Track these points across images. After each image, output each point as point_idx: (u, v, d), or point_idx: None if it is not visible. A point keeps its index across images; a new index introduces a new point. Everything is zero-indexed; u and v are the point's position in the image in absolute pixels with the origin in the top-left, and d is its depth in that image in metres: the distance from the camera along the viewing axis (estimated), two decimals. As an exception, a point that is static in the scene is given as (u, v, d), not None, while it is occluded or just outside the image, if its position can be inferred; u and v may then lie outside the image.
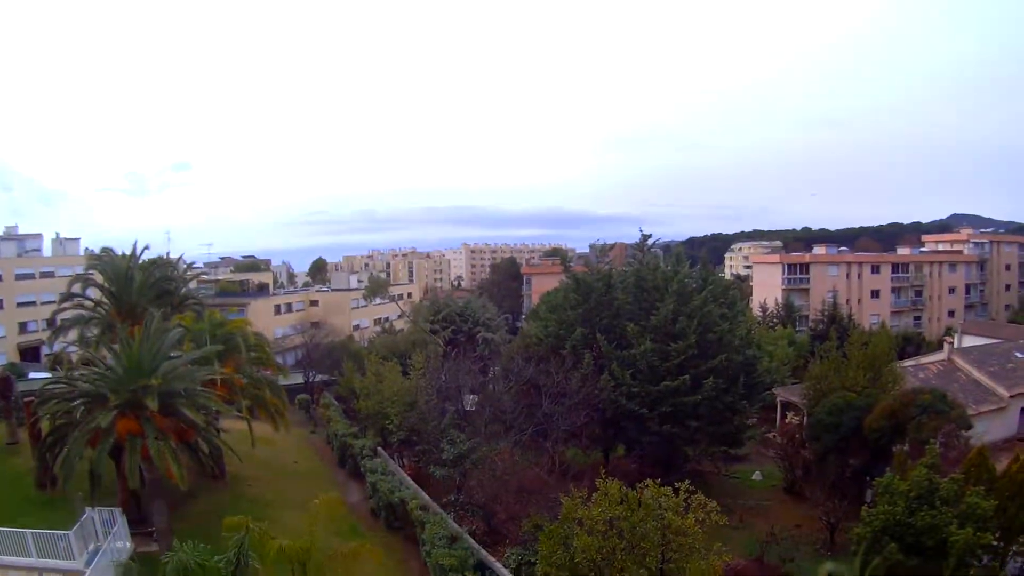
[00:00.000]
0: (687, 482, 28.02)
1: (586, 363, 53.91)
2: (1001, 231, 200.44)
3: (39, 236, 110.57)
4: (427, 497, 46.11)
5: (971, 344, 77.55)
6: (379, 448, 57.66)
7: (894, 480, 34.91)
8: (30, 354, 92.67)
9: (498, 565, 36.55)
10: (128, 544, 37.77)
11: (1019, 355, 67.67)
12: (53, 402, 38.88)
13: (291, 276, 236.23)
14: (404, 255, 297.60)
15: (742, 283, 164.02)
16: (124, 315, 58.36)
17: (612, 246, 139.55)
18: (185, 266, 77.90)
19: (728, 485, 59.35)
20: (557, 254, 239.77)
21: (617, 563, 26.57)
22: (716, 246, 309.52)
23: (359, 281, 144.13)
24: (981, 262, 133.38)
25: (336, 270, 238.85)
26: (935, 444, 40.74)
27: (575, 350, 55.88)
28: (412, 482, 49.77)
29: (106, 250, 65.62)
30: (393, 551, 44.59)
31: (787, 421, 66.83)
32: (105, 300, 61.46)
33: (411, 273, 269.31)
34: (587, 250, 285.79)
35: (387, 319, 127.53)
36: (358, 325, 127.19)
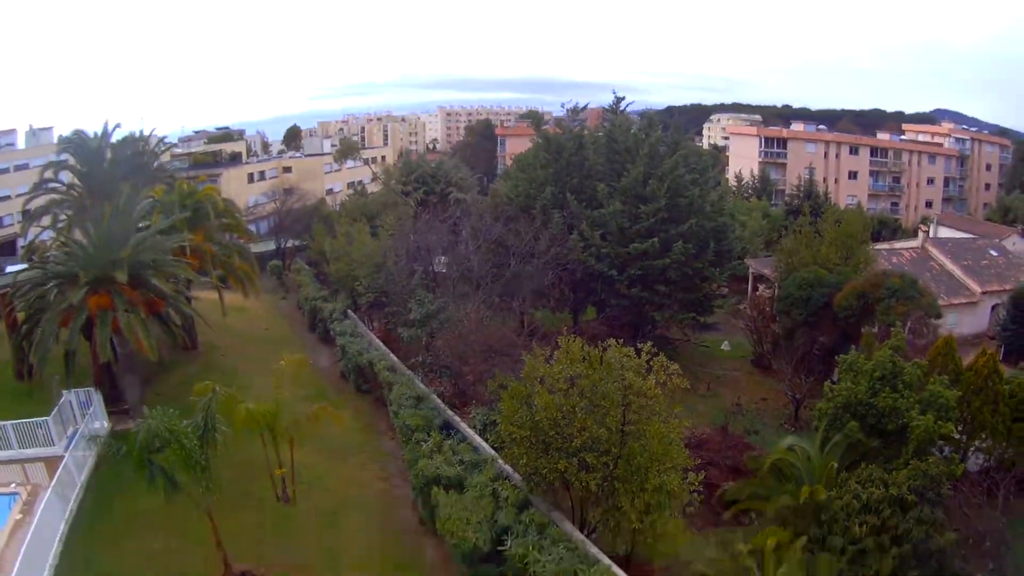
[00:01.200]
0: (650, 344, 27.78)
1: (555, 223, 53.66)
2: (984, 132, 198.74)
3: (12, 131, 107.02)
4: (395, 359, 46.24)
5: (946, 236, 76.97)
6: (349, 311, 57.61)
7: (859, 358, 34.93)
8: (7, 249, 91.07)
9: (463, 425, 36.89)
10: (105, 423, 38.35)
11: (994, 253, 67.35)
12: (26, 288, 38.42)
13: (265, 145, 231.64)
14: (379, 119, 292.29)
15: (719, 153, 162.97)
16: (96, 195, 57.02)
17: (585, 107, 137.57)
18: (157, 141, 76.10)
19: (697, 353, 59.61)
20: (532, 117, 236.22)
21: (577, 422, 26.62)
22: (695, 116, 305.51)
23: (332, 146, 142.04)
24: (962, 158, 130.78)
25: (310, 136, 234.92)
26: (902, 328, 40.82)
27: (545, 210, 55.59)
28: (381, 344, 49.86)
29: (77, 132, 64.03)
30: (361, 413, 45.22)
31: (758, 293, 67.25)
32: (78, 182, 60.40)
33: (386, 137, 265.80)
34: (563, 113, 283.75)
35: (360, 182, 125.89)
36: (331, 189, 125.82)
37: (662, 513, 26.22)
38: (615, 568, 25.27)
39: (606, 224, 52.60)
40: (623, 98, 64.78)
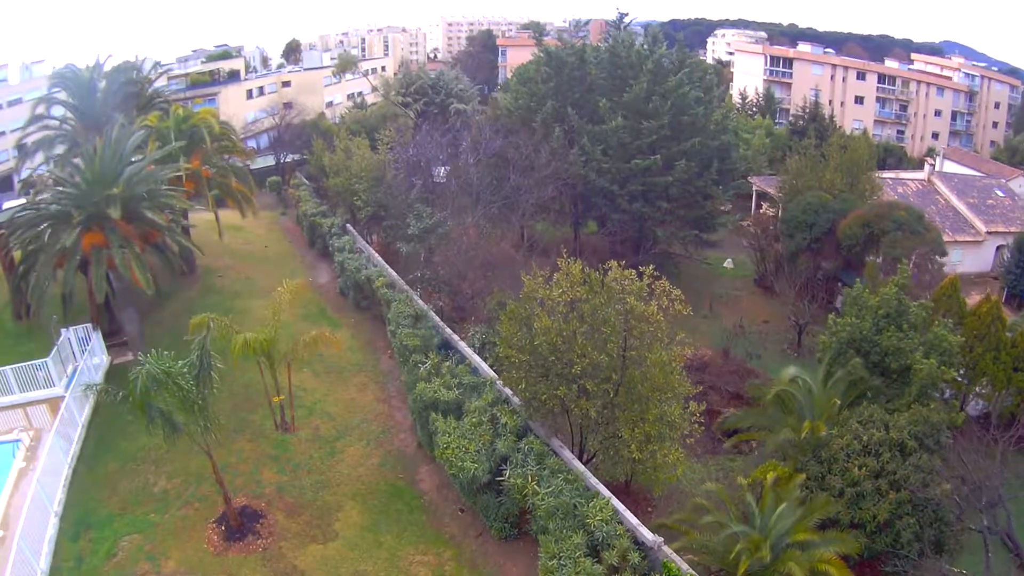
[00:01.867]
0: (652, 267, 27.14)
1: (556, 137, 52.71)
2: (994, 68, 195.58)
3: (4, 66, 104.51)
4: (394, 274, 45.82)
5: (953, 171, 75.32)
6: (348, 226, 56.92)
7: (864, 292, 34.69)
8: (3, 184, 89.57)
9: (462, 344, 36.65)
10: (104, 358, 38.33)
11: (1000, 193, 65.96)
12: (21, 230, 37.47)
13: (264, 60, 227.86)
14: (379, 30, 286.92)
15: (723, 69, 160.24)
16: (90, 128, 55.36)
17: (587, 23, 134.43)
18: (152, 65, 74.26)
19: (699, 270, 59.59)
20: (533, 27, 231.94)
21: (577, 348, 26.18)
22: (699, 30, 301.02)
23: (331, 59, 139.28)
24: (971, 93, 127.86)
25: (310, 49, 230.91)
26: (908, 264, 40.24)
27: (545, 123, 54.64)
28: (380, 259, 49.36)
29: (68, 66, 62.23)
30: (360, 331, 45.10)
31: (762, 211, 66.41)
32: (71, 116, 58.75)
33: (386, 47, 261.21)
34: (566, 24, 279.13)
35: (360, 94, 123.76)
36: (331, 102, 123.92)
37: (662, 443, 26.01)
38: (614, 501, 25.24)
39: (607, 139, 51.61)
40: (626, 13, 62.89)
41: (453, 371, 32.63)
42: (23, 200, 49.55)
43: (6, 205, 65.51)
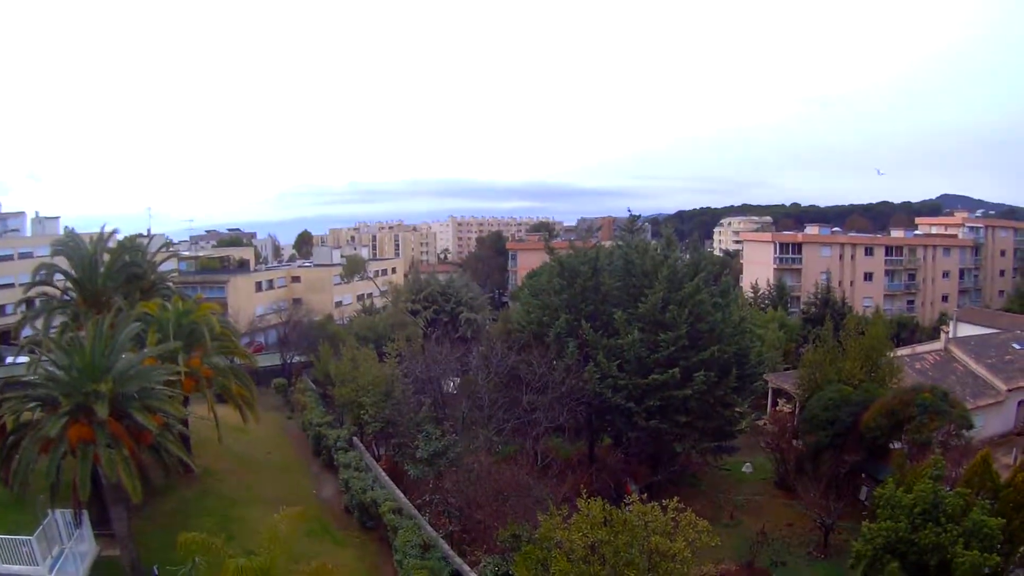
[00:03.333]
0: (676, 499, 25.70)
1: (570, 352, 51.52)
2: (992, 213, 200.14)
3: (21, 215, 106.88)
4: (402, 496, 43.92)
5: (967, 333, 75.67)
6: (355, 439, 55.37)
7: (897, 492, 33.19)
8: (7, 337, 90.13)
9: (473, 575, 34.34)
10: (93, 546, 37.02)
11: (1016, 346, 65.87)
12: (10, 403, 35.90)
13: (276, 249, 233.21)
14: (391, 228, 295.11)
15: (731, 259, 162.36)
16: (90, 303, 55.67)
17: (600, 227, 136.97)
18: (160, 246, 74.96)
19: (717, 478, 57.72)
20: (544, 228, 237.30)
21: (598, 595, 24.27)
22: (704, 220, 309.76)
23: (342, 257, 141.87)
24: (976, 247, 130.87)
25: (321, 244, 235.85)
26: (939, 453, 39.18)
27: (559, 338, 53.47)
28: (387, 478, 47.52)
29: (70, 234, 63.04)
30: (366, 553, 42.71)
31: (778, 409, 64.85)
32: (71, 287, 58.74)
33: (397, 246, 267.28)
34: (575, 223, 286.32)
35: (370, 295, 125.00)
36: (340, 301, 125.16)
37: None
38: None
39: (624, 354, 50.31)
40: (638, 216, 63.43)
41: (465, 612, 30.37)
42: (28, 358, 49.30)
43: (9, 360, 64.96)
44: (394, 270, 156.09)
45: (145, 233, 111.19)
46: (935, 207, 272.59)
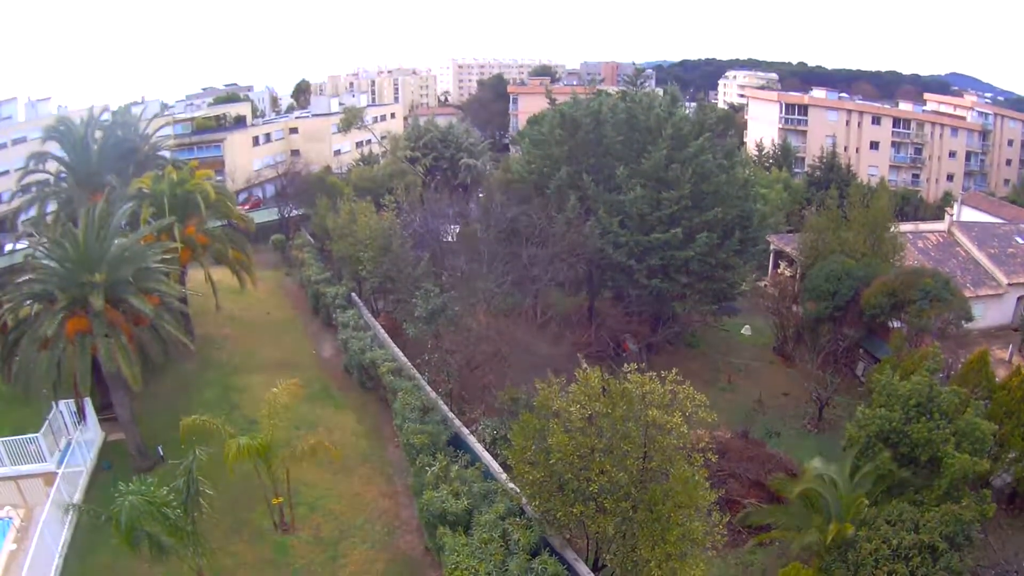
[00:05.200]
0: (675, 371, 25.15)
1: (571, 206, 50.75)
2: (1000, 99, 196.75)
3: (13, 100, 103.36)
4: (400, 355, 43.94)
5: (971, 218, 75.14)
6: (353, 295, 55.27)
7: (894, 380, 33.13)
8: (3, 225, 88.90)
9: (472, 440, 34.56)
10: (98, 433, 37.85)
11: (1020, 240, 64.90)
12: (8, 299, 35.87)
13: (274, 100, 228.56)
14: (390, 72, 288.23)
15: (736, 113, 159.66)
16: (84, 185, 54.97)
17: (603, 78, 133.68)
18: (154, 115, 73.34)
19: (716, 338, 58.13)
20: (546, 72, 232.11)
21: (595, 465, 24.28)
22: (709, 71, 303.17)
23: (340, 104, 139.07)
24: (984, 132, 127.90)
25: (319, 92, 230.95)
26: (937, 342, 39.06)
27: (560, 190, 52.69)
28: (386, 336, 47.52)
29: (61, 118, 61.40)
30: (366, 414, 43.21)
31: (779, 271, 64.94)
32: (64, 171, 57.91)
33: (396, 90, 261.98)
34: (577, 67, 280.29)
35: (369, 142, 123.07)
36: (339, 150, 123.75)
37: (684, 561, 24.12)
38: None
39: (625, 210, 49.43)
40: (643, 70, 61.45)
41: (463, 476, 30.36)
42: (27, 244, 49.68)
43: (8, 248, 64.91)
44: (393, 115, 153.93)
45: (140, 101, 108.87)
46: (943, 84, 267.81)
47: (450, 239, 57.43)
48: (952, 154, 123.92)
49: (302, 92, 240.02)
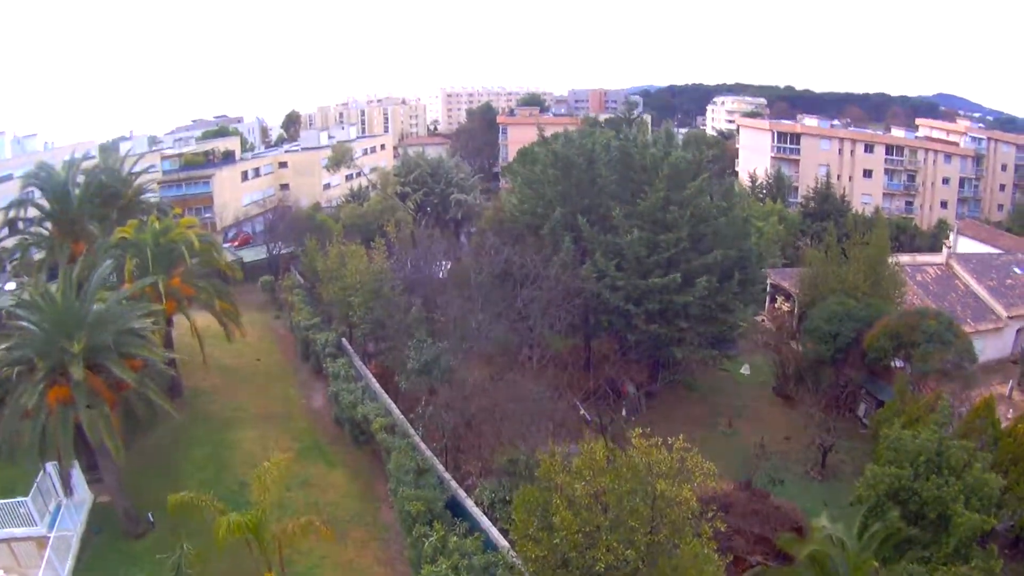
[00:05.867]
0: (681, 437, 24.32)
1: (566, 248, 49.66)
2: (989, 119, 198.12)
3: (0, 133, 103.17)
4: (394, 409, 42.84)
5: (968, 247, 74.89)
6: (343, 341, 54.16)
7: (903, 435, 32.42)
8: None
9: (470, 503, 33.43)
10: (87, 495, 37.20)
11: (1018, 271, 64.40)
12: None
13: (264, 131, 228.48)
14: (379, 101, 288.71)
15: (726, 140, 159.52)
16: (66, 232, 53.93)
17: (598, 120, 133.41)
18: (140, 152, 72.27)
19: (715, 379, 56.97)
20: (534, 101, 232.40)
21: (602, 544, 23.14)
22: (697, 96, 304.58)
23: (330, 137, 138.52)
24: (977, 157, 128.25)
25: (309, 124, 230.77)
26: (948, 401, 38.18)
27: (554, 232, 51.53)
28: (378, 387, 46.30)
29: (41, 164, 59.92)
30: (359, 471, 42.06)
31: (777, 306, 63.86)
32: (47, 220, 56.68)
33: (386, 120, 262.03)
34: (565, 95, 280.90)
35: (359, 173, 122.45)
36: (328, 184, 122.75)
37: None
38: None
39: (622, 253, 48.29)
40: (636, 105, 60.80)
41: (462, 548, 29.02)
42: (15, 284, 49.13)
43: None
44: (383, 146, 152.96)
45: (127, 135, 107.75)
46: (932, 105, 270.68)
47: (442, 275, 56.44)
48: (946, 180, 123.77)
49: (292, 123, 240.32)
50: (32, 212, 58.03)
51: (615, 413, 47.83)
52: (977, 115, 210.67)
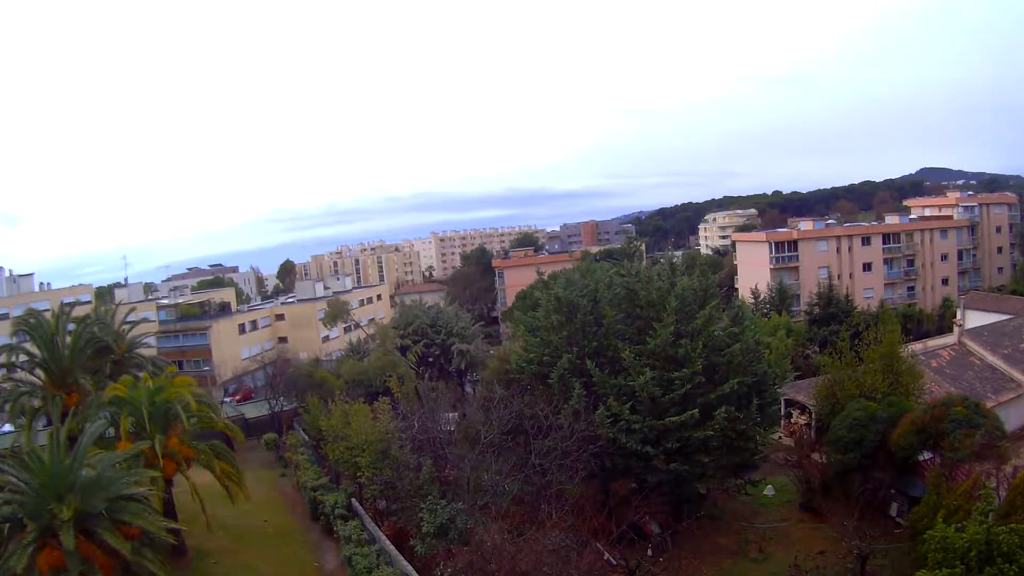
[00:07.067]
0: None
1: (576, 395, 48.00)
2: (974, 183, 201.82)
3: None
4: (412, 572, 40.82)
5: (976, 320, 75.26)
6: (353, 501, 52.24)
7: (949, 533, 31.06)
8: None
9: None
10: None
11: None
12: None
13: (260, 280, 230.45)
14: (373, 249, 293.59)
15: (722, 258, 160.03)
16: (57, 384, 53.17)
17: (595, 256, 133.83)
18: (136, 299, 72.19)
19: (739, 504, 54.95)
20: (528, 241, 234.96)
21: None
22: (688, 216, 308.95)
23: (325, 288, 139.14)
24: (972, 225, 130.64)
25: (304, 273, 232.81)
26: (992, 487, 36.75)
27: (563, 379, 49.97)
28: (393, 549, 44.04)
29: (31, 311, 59.81)
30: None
31: (793, 421, 62.25)
32: (37, 368, 55.98)
33: (381, 269, 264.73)
34: (557, 228, 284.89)
35: (357, 324, 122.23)
36: (327, 336, 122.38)
37: None
38: None
39: (635, 394, 46.72)
40: (636, 240, 60.52)
41: None
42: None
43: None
44: (379, 296, 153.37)
45: (123, 282, 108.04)
46: (917, 183, 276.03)
47: (450, 425, 54.88)
48: (944, 257, 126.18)
49: (287, 272, 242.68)
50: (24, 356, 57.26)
51: (641, 554, 45.50)
52: (962, 182, 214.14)
